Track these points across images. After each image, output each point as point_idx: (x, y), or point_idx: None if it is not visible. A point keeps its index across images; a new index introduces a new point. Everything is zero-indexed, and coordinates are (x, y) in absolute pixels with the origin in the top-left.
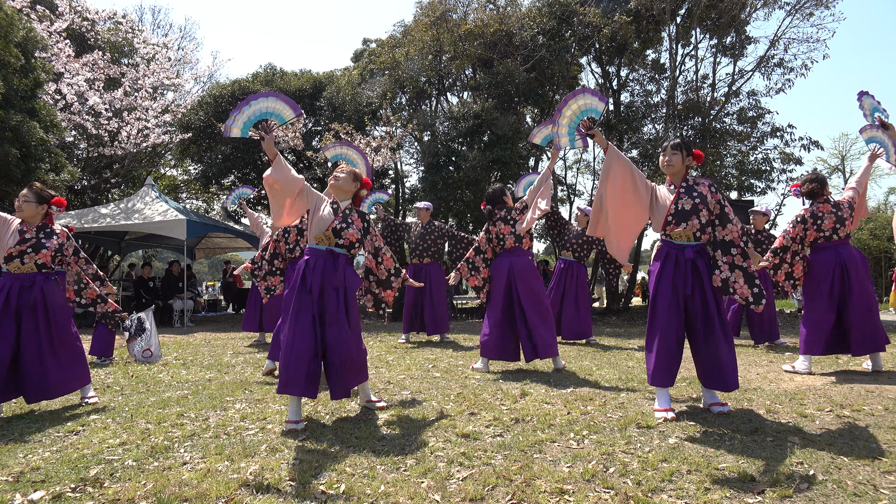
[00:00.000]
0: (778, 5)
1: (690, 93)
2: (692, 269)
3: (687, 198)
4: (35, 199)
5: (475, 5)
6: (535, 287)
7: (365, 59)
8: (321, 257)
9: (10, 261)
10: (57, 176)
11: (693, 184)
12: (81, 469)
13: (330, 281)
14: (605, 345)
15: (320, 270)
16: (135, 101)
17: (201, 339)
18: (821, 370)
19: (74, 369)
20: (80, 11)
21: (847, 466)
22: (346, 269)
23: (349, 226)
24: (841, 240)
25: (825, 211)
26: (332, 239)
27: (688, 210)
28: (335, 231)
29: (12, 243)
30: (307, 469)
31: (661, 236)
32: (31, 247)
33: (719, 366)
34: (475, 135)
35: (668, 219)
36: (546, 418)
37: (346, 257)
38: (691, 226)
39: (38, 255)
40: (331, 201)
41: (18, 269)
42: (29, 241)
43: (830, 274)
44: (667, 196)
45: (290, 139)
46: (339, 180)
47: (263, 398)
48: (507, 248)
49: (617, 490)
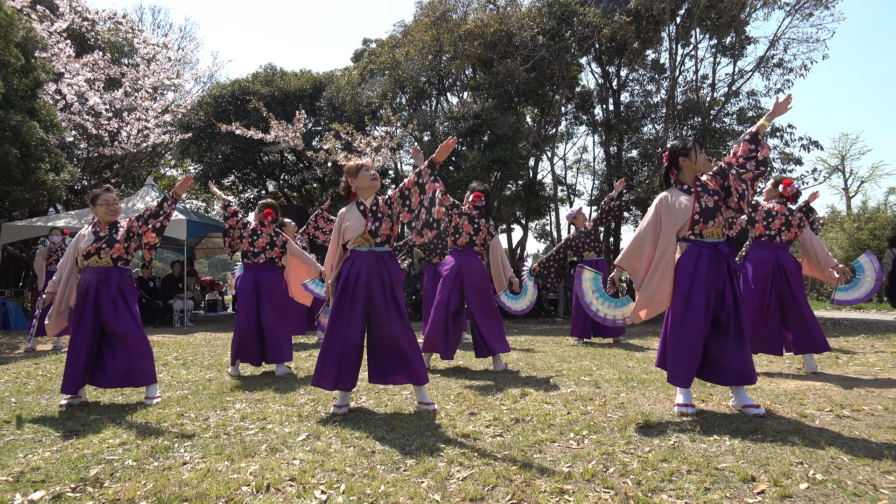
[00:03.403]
0: (778, 5)
1: (690, 93)
2: (726, 265)
3: (707, 196)
4: (119, 199)
5: (475, 5)
6: (482, 286)
7: (365, 59)
8: (364, 259)
9: (89, 258)
10: (57, 176)
11: (705, 182)
12: (81, 469)
13: (375, 279)
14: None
15: (365, 271)
16: (135, 102)
17: (201, 339)
18: (822, 370)
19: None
20: (80, 11)
21: (847, 466)
22: (389, 263)
23: (381, 222)
24: (782, 243)
25: (779, 211)
26: (371, 240)
27: (711, 207)
28: (371, 233)
29: (90, 242)
30: (307, 469)
31: (687, 237)
32: (106, 242)
33: (747, 361)
34: (475, 135)
35: (694, 218)
36: (546, 418)
37: (388, 253)
38: (718, 222)
39: (112, 250)
40: (356, 203)
41: (97, 263)
42: (103, 238)
43: (769, 273)
44: (681, 198)
45: (291, 139)
46: (378, 181)
47: (263, 398)
48: (458, 245)
49: (617, 490)
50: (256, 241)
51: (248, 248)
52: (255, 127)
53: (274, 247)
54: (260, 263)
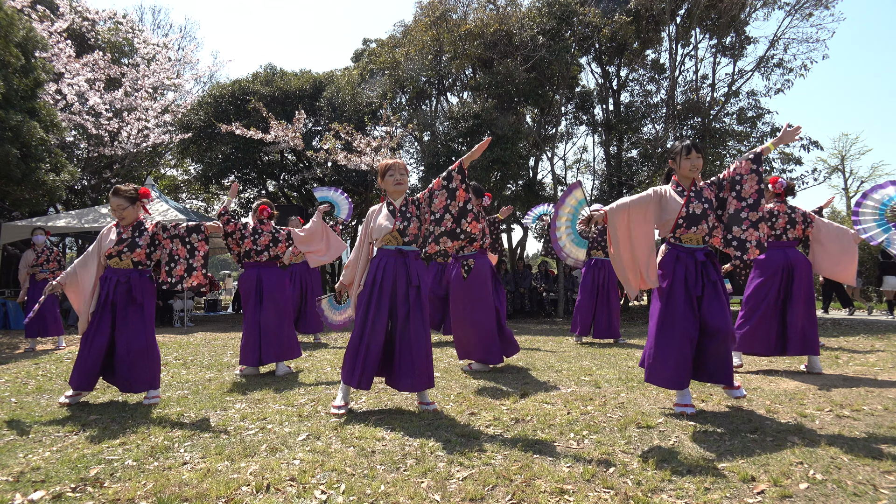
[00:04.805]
0: (777, 5)
1: (690, 93)
2: (703, 271)
3: (697, 202)
4: (129, 202)
5: (475, 5)
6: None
7: (365, 59)
8: (391, 257)
9: (110, 258)
10: (57, 176)
11: (700, 188)
12: (82, 469)
13: (401, 279)
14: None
15: (392, 270)
16: (135, 101)
17: (201, 339)
18: (822, 370)
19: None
20: (80, 11)
21: (847, 466)
22: (416, 264)
23: (409, 221)
24: (790, 241)
25: (781, 210)
26: (399, 238)
27: (698, 214)
28: (400, 232)
29: (112, 244)
30: (307, 469)
31: (668, 239)
32: (127, 246)
33: (727, 362)
34: (475, 135)
35: (678, 222)
36: (546, 418)
37: (415, 253)
38: (701, 230)
39: (133, 254)
40: (385, 203)
41: (118, 265)
42: (125, 241)
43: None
44: (675, 199)
45: (291, 139)
46: (403, 185)
47: (263, 398)
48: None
49: (617, 490)
50: (259, 238)
51: (251, 248)
52: (255, 127)
53: (278, 243)
54: (263, 262)
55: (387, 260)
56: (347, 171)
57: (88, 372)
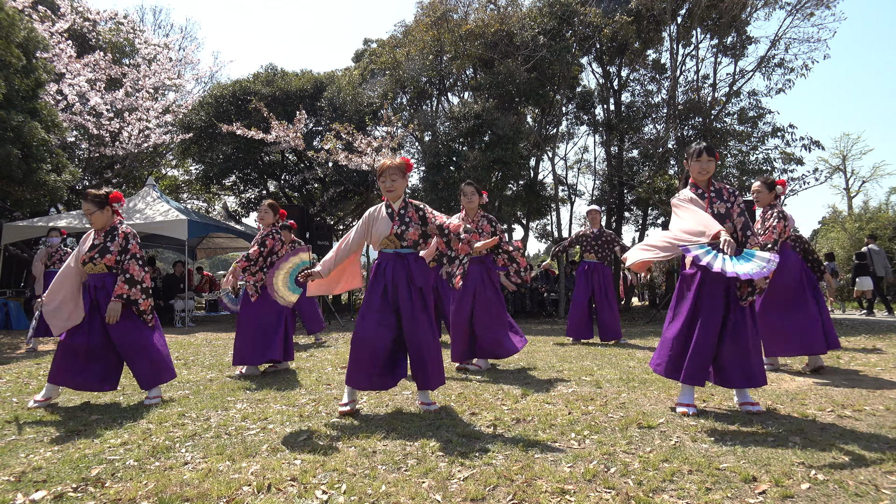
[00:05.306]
0: (779, 5)
1: (691, 93)
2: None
3: (720, 202)
4: (97, 207)
5: (476, 5)
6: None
7: (366, 60)
8: (389, 260)
9: (84, 265)
10: (58, 176)
11: (719, 188)
12: (83, 469)
13: (400, 280)
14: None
15: (391, 271)
16: (136, 102)
17: (202, 339)
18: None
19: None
20: (81, 12)
21: (849, 466)
22: (416, 265)
23: (408, 226)
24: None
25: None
26: (397, 242)
27: (723, 214)
28: (398, 235)
29: (86, 250)
30: (308, 469)
31: None
32: (98, 252)
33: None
34: (476, 135)
35: None
36: (547, 418)
37: (414, 255)
38: (727, 229)
39: (103, 260)
40: (384, 205)
41: (92, 270)
42: (97, 247)
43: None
44: (698, 202)
45: (291, 139)
46: (394, 192)
47: (264, 398)
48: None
49: (618, 490)
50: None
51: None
52: (256, 127)
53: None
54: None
55: (387, 262)
56: (348, 171)
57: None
